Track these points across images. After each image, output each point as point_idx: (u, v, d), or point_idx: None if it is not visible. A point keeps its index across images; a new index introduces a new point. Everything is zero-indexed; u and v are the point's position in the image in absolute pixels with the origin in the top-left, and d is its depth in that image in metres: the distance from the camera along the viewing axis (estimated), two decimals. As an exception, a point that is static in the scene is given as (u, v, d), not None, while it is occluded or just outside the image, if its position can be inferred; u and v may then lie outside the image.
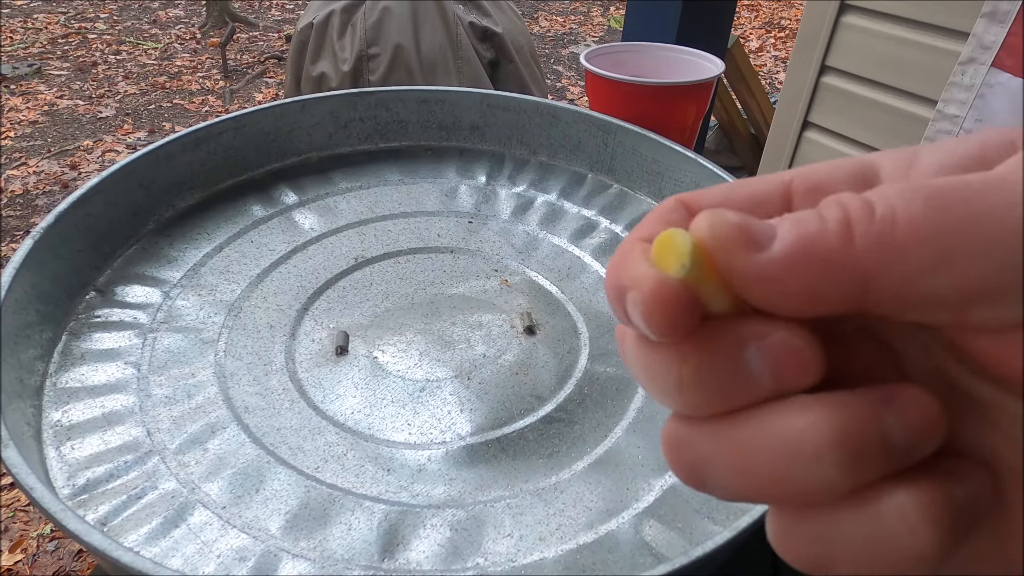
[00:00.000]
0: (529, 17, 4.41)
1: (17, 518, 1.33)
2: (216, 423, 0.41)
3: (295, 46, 1.28)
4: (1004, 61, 0.85)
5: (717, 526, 0.37)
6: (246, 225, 0.56)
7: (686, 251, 0.12)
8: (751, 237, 0.12)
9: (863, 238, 0.12)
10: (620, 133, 0.62)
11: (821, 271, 0.12)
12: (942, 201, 0.11)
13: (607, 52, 0.76)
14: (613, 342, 0.49)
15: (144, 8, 4.34)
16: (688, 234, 0.12)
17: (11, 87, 3.18)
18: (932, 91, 1.27)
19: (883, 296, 0.12)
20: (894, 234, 0.11)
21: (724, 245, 0.12)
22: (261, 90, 3.34)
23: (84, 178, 2.50)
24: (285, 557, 0.35)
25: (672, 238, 0.13)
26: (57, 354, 0.44)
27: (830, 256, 0.12)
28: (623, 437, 0.42)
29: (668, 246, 0.13)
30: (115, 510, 0.36)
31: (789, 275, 0.12)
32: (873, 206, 0.12)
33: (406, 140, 0.67)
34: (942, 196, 0.12)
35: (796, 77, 1.57)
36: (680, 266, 0.12)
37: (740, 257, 0.12)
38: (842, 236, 0.12)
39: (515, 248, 0.57)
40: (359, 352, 0.47)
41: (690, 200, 0.15)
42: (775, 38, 4.20)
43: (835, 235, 0.12)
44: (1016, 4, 0.83)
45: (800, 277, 0.12)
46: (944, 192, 0.12)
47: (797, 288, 0.12)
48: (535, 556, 0.36)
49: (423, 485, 0.39)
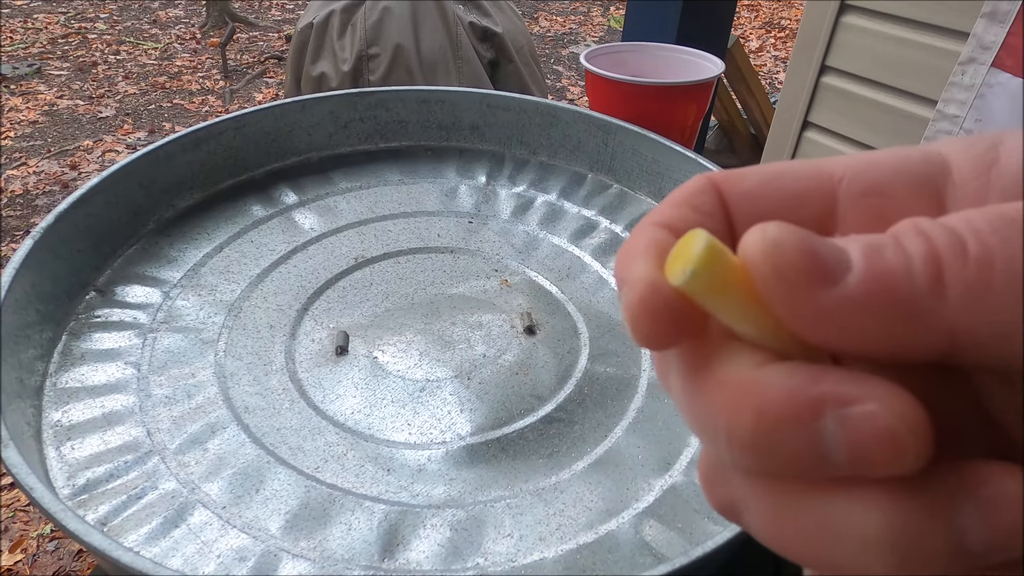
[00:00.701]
0: (529, 17, 4.41)
1: (17, 518, 1.33)
2: (216, 423, 0.41)
3: (295, 46, 1.28)
4: (1004, 61, 0.85)
5: (717, 526, 0.37)
6: (246, 225, 0.56)
7: (693, 257, 0.10)
8: (821, 267, 0.10)
9: (956, 285, 0.10)
10: (620, 133, 0.62)
11: (903, 318, 0.10)
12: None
13: (607, 52, 0.76)
14: (613, 342, 0.49)
15: (144, 8, 4.34)
16: (705, 238, 0.10)
17: (11, 87, 3.18)
18: (932, 91, 1.27)
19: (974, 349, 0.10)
20: (992, 282, 0.09)
21: (786, 275, 0.10)
22: (261, 90, 3.34)
23: (84, 178, 2.50)
24: (285, 557, 0.35)
25: (690, 240, 0.11)
26: (57, 354, 0.44)
27: (915, 303, 0.10)
28: (623, 437, 0.42)
29: (683, 247, 0.11)
30: (115, 510, 0.36)
31: (864, 320, 0.10)
32: (965, 244, 0.10)
33: (406, 140, 0.67)
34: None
35: (796, 77, 1.57)
36: (680, 272, 0.10)
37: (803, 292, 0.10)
38: (931, 279, 0.10)
39: (515, 248, 0.57)
40: (359, 352, 0.47)
41: (723, 183, 0.13)
42: (775, 38, 4.20)
43: (923, 278, 0.10)
44: (1016, 4, 0.83)
45: (877, 322, 0.10)
46: None
47: (871, 335, 0.10)
48: (535, 556, 0.36)
49: (423, 485, 0.39)
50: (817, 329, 0.10)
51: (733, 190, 0.13)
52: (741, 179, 0.13)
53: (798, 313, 0.10)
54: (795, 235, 0.10)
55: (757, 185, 0.13)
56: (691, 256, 0.10)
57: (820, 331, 0.10)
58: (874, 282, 0.10)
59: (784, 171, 0.13)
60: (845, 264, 0.10)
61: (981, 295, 0.09)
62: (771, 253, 0.10)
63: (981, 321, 0.10)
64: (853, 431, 0.10)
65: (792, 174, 0.13)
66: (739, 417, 0.10)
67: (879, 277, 0.10)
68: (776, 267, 0.10)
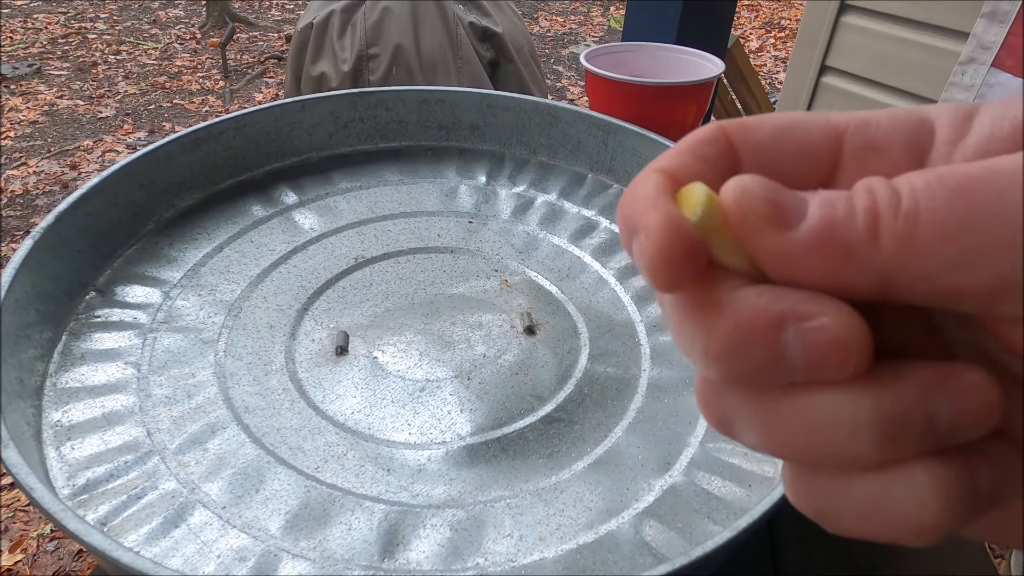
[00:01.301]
0: (529, 17, 4.41)
1: (17, 518, 1.33)
2: (216, 423, 0.41)
3: (295, 46, 1.28)
4: (1004, 61, 0.85)
5: (717, 526, 0.37)
6: (246, 225, 0.56)
7: (699, 201, 0.12)
8: (780, 214, 0.12)
9: (886, 233, 0.11)
10: (620, 133, 0.62)
11: (843, 260, 0.11)
12: (967, 195, 0.11)
13: (607, 52, 0.76)
14: (613, 342, 0.49)
15: (144, 8, 4.34)
16: (703, 187, 0.12)
17: (11, 87, 3.18)
18: (932, 91, 1.27)
19: (904, 290, 0.12)
20: (916, 231, 0.11)
21: (750, 219, 0.12)
22: (261, 90, 3.34)
23: (84, 178, 2.50)
24: (285, 557, 0.35)
25: (690, 190, 0.12)
26: (57, 354, 0.44)
27: (853, 248, 0.11)
28: (623, 437, 0.42)
29: (684, 197, 0.12)
30: (115, 510, 0.36)
31: (812, 259, 0.12)
32: (900, 199, 0.11)
33: (406, 140, 0.67)
34: (968, 189, 0.11)
35: (796, 77, 1.57)
36: (692, 214, 0.12)
37: (765, 233, 0.12)
38: (868, 229, 0.11)
39: (515, 248, 0.57)
40: (359, 352, 0.47)
41: (736, 134, 0.14)
42: (775, 38, 4.20)
43: (861, 227, 0.11)
44: (1016, 4, 0.83)
45: (822, 263, 0.12)
46: (972, 184, 0.11)
47: (819, 273, 0.12)
48: (535, 556, 0.36)
49: (423, 485, 0.39)
50: (776, 265, 0.12)
51: (746, 141, 0.14)
52: (755, 129, 0.14)
53: (760, 251, 0.12)
54: (762, 186, 0.12)
55: (770, 136, 0.14)
56: (696, 201, 0.12)
57: (778, 268, 0.12)
58: (821, 230, 0.11)
59: (796, 123, 0.14)
60: (801, 213, 0.12)
61: (908, 241, 0.11)
62: (740, 200, 0.12)
63: (906, 266, 0.11)
64: (809, 341, 0.12)
65: (803, 126, 0.14)
66: (715, 333, 0.12)
67: (826, 226, 0.11)
68: (743, 211, 0.12)
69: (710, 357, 0.12)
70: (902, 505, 0.12)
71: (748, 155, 0.14)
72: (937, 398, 0.12)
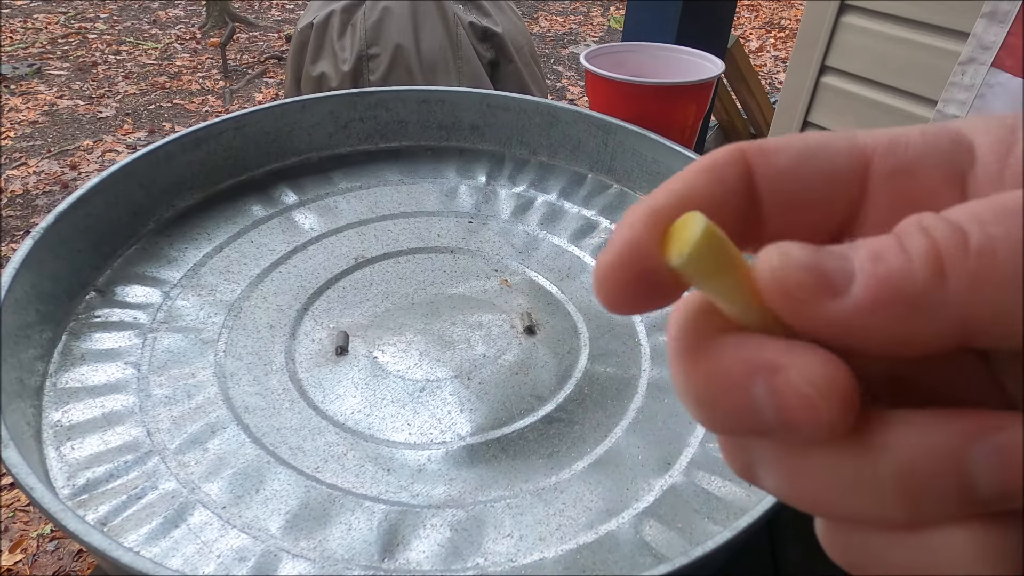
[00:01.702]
0: (529, 17, 4.41)
1: (17, 518, 1.33)
2: (216, 423, 0.41)
3: (295, 46, 1.28)
4: (1004, 61, 0.85)
5: (717, 526, 0.37)
6: (246, 225, 0.56)
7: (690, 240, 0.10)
8: (826, 282, 0.10)
9: (956, 275, 0.10)
10: (620, 133, 0.62)
11: (910, 317, 0.10)
12: None
13: (607, 52, 0.76)
14: (613, 342, 0.49)
15: (144, 8, 4.34)
16: (703, 223, 0.10)
17: (11, 87, 3.18)
18: (932, 91, 1.27)
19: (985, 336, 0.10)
20: (995, 269, 0.10)
21: (794, 293, 0.10)
22: (261, 90, 3.34)
23: (84, 178, 2.50)
24: (285, 557, 0.35)
25: (688, 221, 0.11)
26: (57, 354, 0.44)
27: (920, 301, 0.10)
28: (623, 437, 0.42)
29: (682, 227, 0.11)
30: (115, 510, 0.36)
31: (872, 323, 0.10)
32: (967, 236, 0.10)
33: (406, 140, 0.67)
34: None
35: (796, 77, 1.57)
36: (677, 254, 0.11)
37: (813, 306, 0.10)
38: (933, 275, 0.10)
39: (515, 248, 0.57)
40: (359, 352, 0.47)
41: (754, 158, 0.13)
42: (775, 38, 4.20)
43: (924, 274, 0.10)
44: (1016, 4, 0.83)
45: (886, 324, 0.10)
46: None
47: (882, 336, 0.10)
48: (535, 556, 0.36)
49: (423, 485, 0.39)
50: (828, 336, 0.11)
51: (767, 166, 0.13)
52: (775, 155, 0.13)
53: (808, 325, 0.11)
54: (800, 252, 0.10)
55: (791, 163, 0.13)
56: (688, 239, 0.11)
57: (831, 338, 0.11)
58: (876, 288, 0.10)
59: (818, 147, 0.13)
60: (849, 274, 0.10)
61: (985, 283, 0.10)
62: (777, 273, 0.10)
63: (987, 308, 0.10)
64: (778, 395, 0.10)
65: (827, 151, 0.13)
66: (692, 380, 0.11)
67: (881, 282, 0.10)
68: (783, 286, 0.10)
69: (691, 405, 0.11)
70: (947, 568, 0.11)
71: (768, 181, 0.13)
72: (974, 454, 0.10)
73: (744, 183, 0.13)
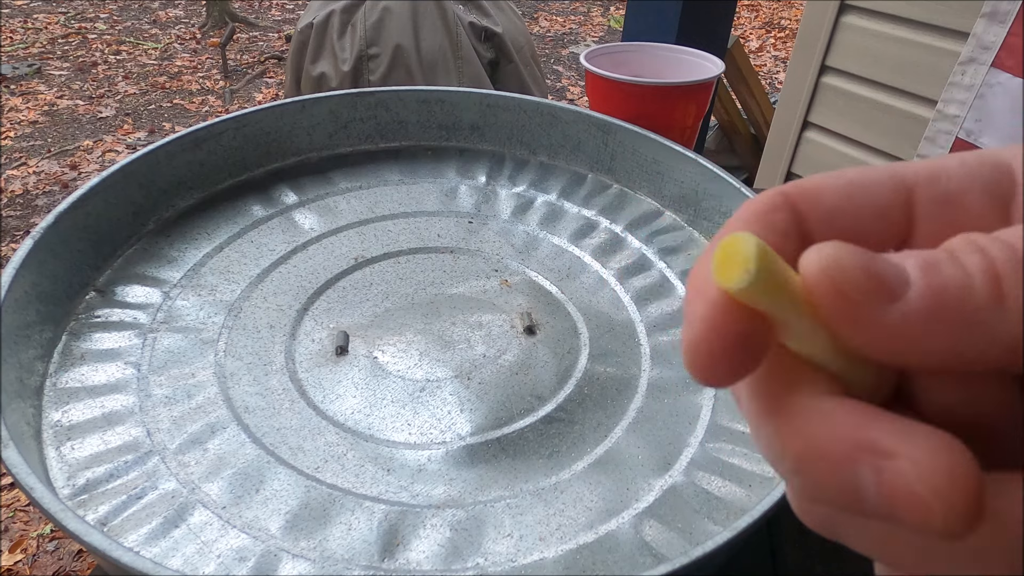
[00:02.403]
0: (529, 17, 4.41)
1: (17, 518, 1.33)
2: (216, 423, 0.41)
3: (295, 46, 1.28)
4: (1004, 61, 0.85)
5: (717, 526, 0.37)
6: (246, 225, 0.56)
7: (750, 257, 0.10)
8: (883, 285, 0.10)
9: (1014, 295, 0.10)
10: (620, 133, 0.62)
11: (965, 331, 0.10)
12: None
13: (607, 52, 0.76)
14: (613, 342, 0.49)
15: (144, 8, 4.34)
16: (753, 237, 0.10)
17: (11, 87, 3.18)
18: (932, 91, 1.27)
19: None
20: None
21: (848, 295, 0.10)
22: (261, 90, 3.34)
23: (84, 178, 2.50)
24: (285, 557, 0.35)
25: (736, 243, 0.10)
26: (57, 354, 0.44)
27: (977, 316, 0.10)
28: (623, 437, 0.42)
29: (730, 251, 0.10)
30: (115, 510, 0.36)
31: (925, 333, 0.10)
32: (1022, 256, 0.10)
33: (406, 140, 0.67)
34: None
35: (796, 77, 1.57)
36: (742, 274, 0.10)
37: (868, 310, 0.10)
38: (991, 291, 0.10)
39: (515, 248, 0.57)
40: (359, 352, 0.47)
41: (798, 197, 0.12)
42: (775, 38, 4.20)
43: (983, 290, 0.10)
44: (1016, 4, 0.83)
45: (939, 337, 0.10)
46: None
47: (933, 348, 0.10)
48: (535, 556, 0.36)
49: (423, 485, 0.39)
50: (881, 345, 0.10)
51: (815, 206, 0.12)
52: (820, 195, 0.13)
53: (861, 331, 0.10)
54: (854, 253, 0.10)
55: (839, 202, 0.13)
56: (746, 257, 0.10)
57: (884, 347, 0.10)
58: (935, 296, 0.10)
59: (861, 183, 0.13)
60: (904, 280, 0.10)
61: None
62: (832, 273, 0.10)
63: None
64: (886, 485, 0.10)
65: (870, 186, 0.13)
66: (790, 448, 0.11)
67: (939, 292, 0.10)
68: (838, 286, 0.10)
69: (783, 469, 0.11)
70: None
71: (819, 222, 0.13)
72: None
73: (795, 226, 0.12)
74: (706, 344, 0.11)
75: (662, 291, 0.53)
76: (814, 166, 1.63)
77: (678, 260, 0.56)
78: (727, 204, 0.56)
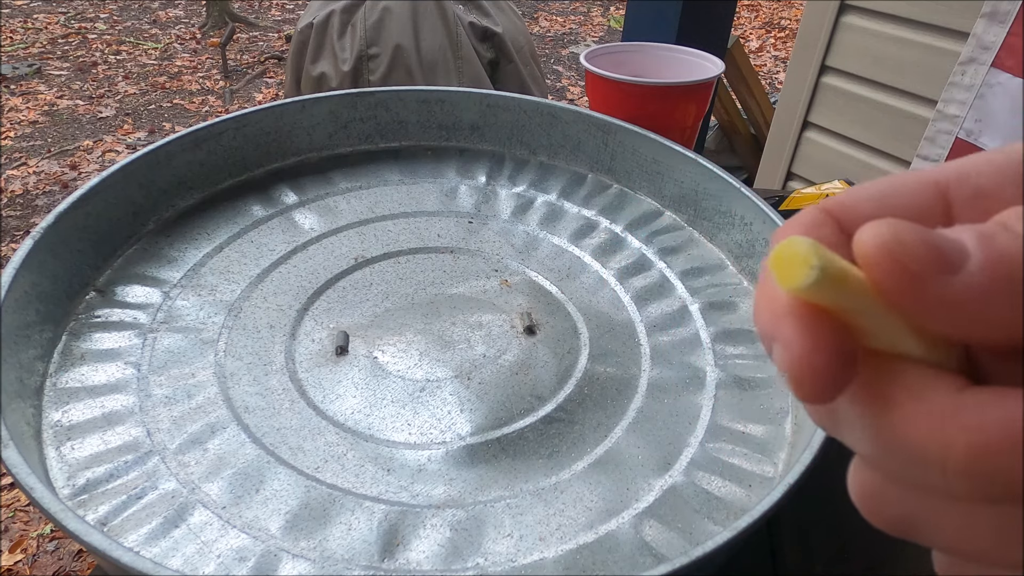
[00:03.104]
0: (529, 17, 4.41)
1: (17, 518, 1.33)
2: (216, 423, 0.41)
3: (295, 46, 1.28)
4: (1004, 61, 0.85)
5: (717, 526, 0.37)
6: (246, 225, 0.56)
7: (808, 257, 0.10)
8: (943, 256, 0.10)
9: None
10: (620, 133, 0.62)
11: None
12: None
13: (607, 52, 0.76)
14: (613, 342, 0.49)
15: (144, 8, 4.34)
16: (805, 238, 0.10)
17: (11, 87, 3.18)
18: (932, 91, 1.27)
19: None
20: None
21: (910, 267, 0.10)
22: (261, 90, 3.34)
23: (84, 178, 2.50)
24: (285, 557, 0.35)
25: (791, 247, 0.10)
26: (57, 354, 0.44)
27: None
28: (623, 437, 0.42)
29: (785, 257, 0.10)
30: (115, 510, 0.36)
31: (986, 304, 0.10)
32: None
33: (406, 140, 0.67)
34: None
35: (796, 77, 1.57)
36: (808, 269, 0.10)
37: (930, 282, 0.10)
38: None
39: (515, 248, 0.57)
40: (359, 352, 0.47)
41: (838, 212, 0.13)
42: (775, 38, 4.20)
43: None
44: (1016, 4, 0.83)
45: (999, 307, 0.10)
46: None
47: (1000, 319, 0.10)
48: (535, 556, 0.36)
49: (423, 485, 0.39)
50: (945, 318, 0.10)
51: (856, 219, 0.12)
52: (856, 207, 0.13)
53: (924, 304, 0.10)
54: (911, 228, 0.10)
55: (876, 211, 0.13)
56: (804, 256, 0.10)
57: (948, 320, 0.10)
58: (994, 266, 0.10)
59: (894, 191, 0.13)
60: (963, 252, 0.10)
61: None
62: (892, 247, 0.10)
63: None
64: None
65: (905, 191, 0.13)
66: (952, 447, 0.10)
67: (997, 260, 0.10)
68: (898, 260, 0.10)
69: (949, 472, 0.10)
70: None
71: None
72: None
73: (843, 237, 0.12)
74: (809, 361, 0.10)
75: (662, 291, 0.53)
76: (814, 166, 1.63)
77: (678, 260, 0.56)
78: (727, 204, 0.56)
